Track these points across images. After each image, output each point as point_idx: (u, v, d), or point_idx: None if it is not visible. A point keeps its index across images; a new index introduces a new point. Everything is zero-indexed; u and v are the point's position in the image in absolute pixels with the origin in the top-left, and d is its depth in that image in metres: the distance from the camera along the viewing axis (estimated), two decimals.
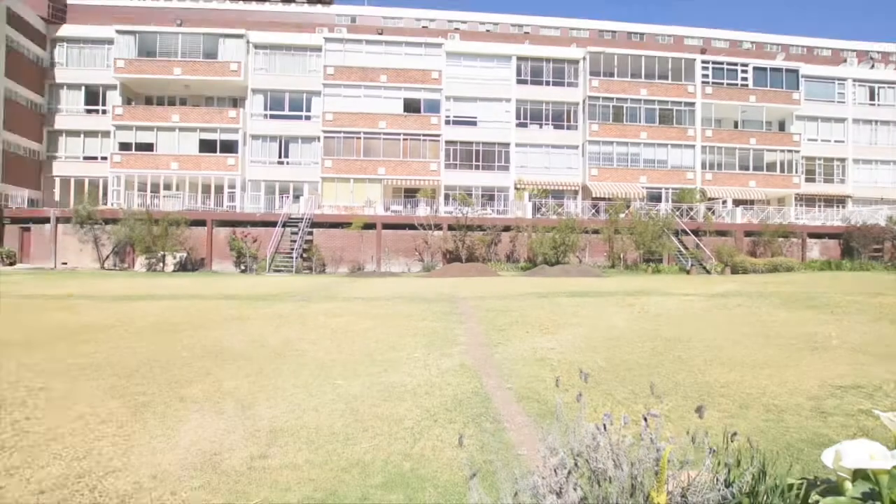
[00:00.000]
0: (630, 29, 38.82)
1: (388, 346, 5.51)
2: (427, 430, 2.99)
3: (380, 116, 27.43)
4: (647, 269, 22.13)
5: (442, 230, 23.63)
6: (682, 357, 4.80)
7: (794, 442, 2.78)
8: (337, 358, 4.92)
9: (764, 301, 9.07)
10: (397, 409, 3.36)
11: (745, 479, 1.19)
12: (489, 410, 3.34)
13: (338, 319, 7.51)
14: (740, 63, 30.36)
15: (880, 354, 4.77)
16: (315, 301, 10.10)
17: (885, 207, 28.37)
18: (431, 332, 6.41)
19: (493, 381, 4.06)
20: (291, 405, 3.46)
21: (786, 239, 24.50)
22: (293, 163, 28.30)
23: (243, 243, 22.06)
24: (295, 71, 28.13)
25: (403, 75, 27.72)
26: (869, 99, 32.32)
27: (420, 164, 27.53)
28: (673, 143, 29.20)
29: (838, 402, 3.44)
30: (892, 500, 1.17)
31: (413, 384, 3.97)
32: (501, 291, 11.82)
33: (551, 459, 1.08)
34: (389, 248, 23.42)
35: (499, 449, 2.70)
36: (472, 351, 5.25)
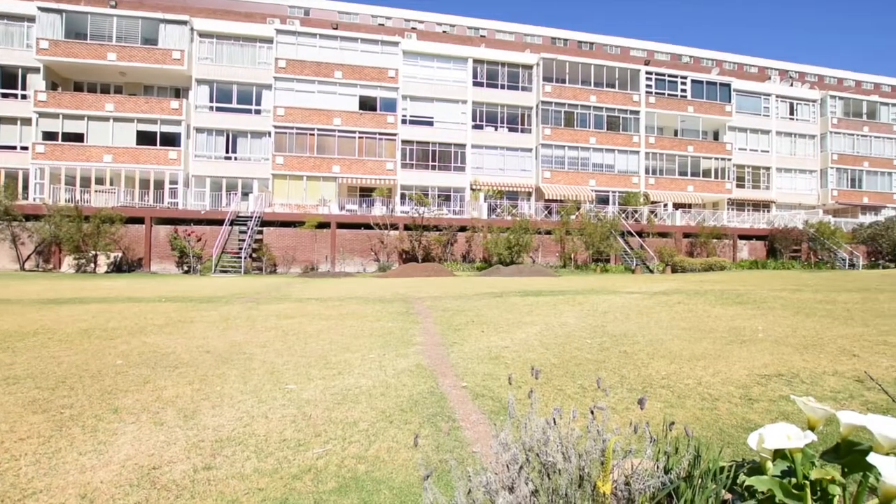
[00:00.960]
0: (580, 38, 40.42)
1: (343, 347, 5.41)
2: (382, 431, 2.96)
3: (334, 113, 26.84)
4: (596, 268, 23.13)
5: (398, 230, 23.50)
6: (628, 352, 5.06)
7: (726, 427, 3.00)
8: (288, 361, 4.76)
9: (700, 298, 9.73)
10: (352, 412, 3.30)
11: (682, 464, 1.27)
12: (445, 410, 3.35)
13: (289, 321, 7.26)
14: (680, 76, 32.43)
15: (798, 345, 5.26)
16: (265, 302, 9.72)
17: (802, 212, 31.37)
18: (387, 332, 6.35)
19: (448, 381, 4.08)
20: (239, 412, 3.31)
21: (719, 240, 26.46)
22: (242, 158, 27.06)
23: (186, 242, 20.83)
24: (244, 62, 26.91)
25: (359, 72, 27.29)
26: (789, 114, 35.57)
27: (376, 162, 27.22)
28: (619, 149, 30.70)
29: (763, 389, 3.76)
30: (805, 475, 1.29)
31: (368, 386, 3.92)
32: (457, 291, 11.92)
33: (504, 455, 1.10)
34: (344, 247, 22.97)
35: (454, 447, 2.72)
36: (427, 351, 5.25)
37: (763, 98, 34.90)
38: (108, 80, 26.73)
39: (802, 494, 1.26)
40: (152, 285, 14.11)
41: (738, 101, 33.61)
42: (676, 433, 1.40)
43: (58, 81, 25.90)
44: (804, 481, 1.28)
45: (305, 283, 15.41)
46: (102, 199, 23.54)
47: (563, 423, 1.24)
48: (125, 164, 24.69)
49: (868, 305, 8.31)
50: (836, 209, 34.90)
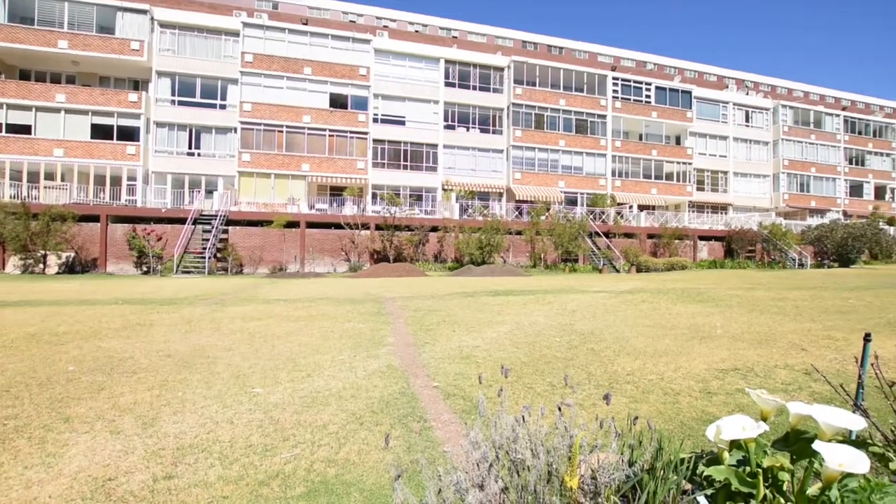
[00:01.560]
0: (550, 42, 41.19)
1: (312, 349, 5.31)
2: (353, 433, 2.93)
3: (304, 110, 26.30)
4: (565, 268, 23.63)
5: (369, 230, 23.27)
6: (595, 349, 5.19)
7: (687, 420, 3.13)
8: (255, 364, 4.63)
9: (663, 297, 10.10)
10: (321, 415, 3.25)
11: (646, 457, 1.32)
12: (416, 410, 3.35)
13: (256, 323, 7.06)
14: (644, 82, 33.57)
15: (753, 341, 5.54)
16: (230, 304, 9.41)
17: (756, 215, 33.10)
18: (358, 333, 6.28)
19: (420, 381, 4.08)
20: (202, 418, 3.19)
21: (681, 241, 27.55)
22: (206, 155, 26.11)
23: (146, 242, 19.92)
24: (208, 55, 25.96)
25: (330, 69, 26.85)
26: (745, 121, 37.45)
27: (347, 161, 26.85)
28: (587, 152, 31.49)
29: (721, 383, 3.94)
30: (758, 463, 1.37)
31: (338, 388, 3.86)
32: (429, 291, 11.91)
33: (474, 454, 1.11)
34: (314, 247, 22.54)
35: (425, 448, 2.72)
36: (399, 351, 5.23)
37: (721, 105, 36.60)
38: (60, 70, 25.22)
39: (755, 482, 1.33)
40: (108, 287, 13.41)
41: (698, 107, 35.12)
42: (640, 427, 1.44)
43: (1, 69, 24.23)
44: (757, 469, 1.36)
45: (273, 284, 15.02)
46: (53, 196, 22.18)
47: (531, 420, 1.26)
48: (78, 159, 23.35)
49: (815, 302, 8.86)
50: (786, 212, 37.00)
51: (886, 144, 41.33)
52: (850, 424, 1.27)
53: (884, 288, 11.68)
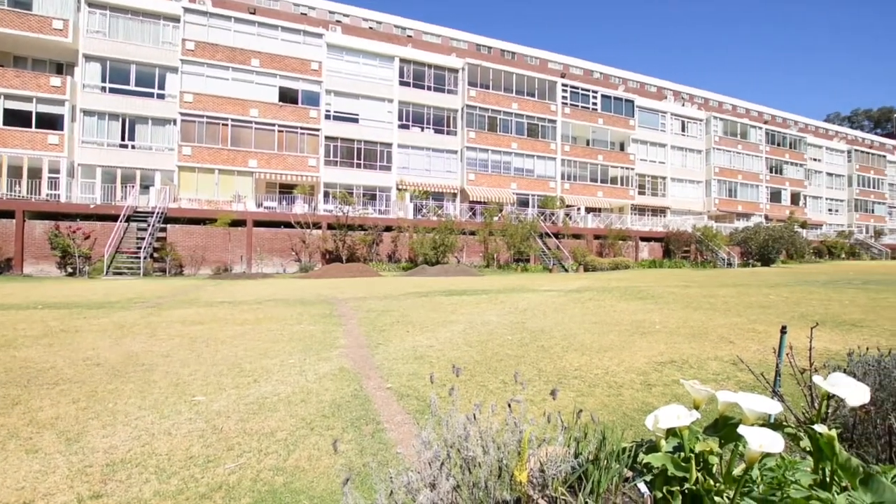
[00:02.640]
0: (503, 47, 42.04)
1: (259, 353, 5.09)
2: (303, 439, 2.84)
3: (251, 103, 25.15)
4: (517, 268, 24.20)
5: (321, 229, 22.67)
6: (545, 346, 5.36)
7: (629, 411, 3.30)
8: (196, 371, 4.37)
9: (608, 295, 10.60)
10: (269, 422, 3.12)
11: (590, 448, 1.38)
12: (369, 412, 3.30)
13: (198, 327, 6.67)
14: (591, 90, 35.08)
15: (688, 335, 5.95)
16: (169, 307, 8.82)
17: (691, 218, 35.58)
18: (308, 335, 6.09)
19: (373, 383, 4.02)
20: (136, 430, 2.97)
21: (624, 242, 29.05)
22: (142, 147, 24.31)
23: (71, 240, 18.25)
24: (144, 40, 24.18)
25: (279, 62, 25.85)
26: (681, 130, 40.12)
27: (297, 158, 25.98)
28: (538, 155, 32.43)
29: (659, 375, 4.19)
30: (691, 449, 1.47)
31: (287, 392, 3.73)
32: (383, 291, 11.78)
33: (425, 454, 1.11)
34: (262, 247, 21.62)
35: (378, 450, 2.69)
36: (351, 353, 5.13)
37: (660, 115, 39.01)
38: None
39: (688, 466, 1.43)
40: (25, 290, 12.15)
41: (640, 116, 37.21)
42: (585, 420, 1.51)
43: None
44: (690, 454, 1.46)
45: (217, 286, 14.25)
46: None
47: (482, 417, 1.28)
48: None
49: (741, 299, 9.65)
50: (717, 215, 40.03)
51: (800, 156, 45.82)
52: (768, 409, 1.40)
53: (798, 285, 12.93)
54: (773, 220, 40.17)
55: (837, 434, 1.87)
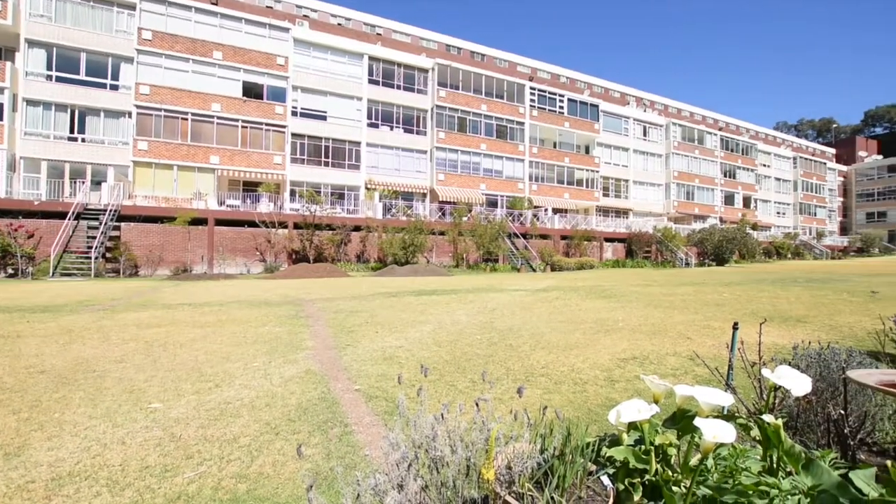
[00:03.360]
0: (473, 48, 42.33)
1: (221, 357, 4.91)
2: (267, 445, 2.76)
3: (213, 97, 24.22)
4: (486, 268, 24.43)
5: (287, 228, 22.13)
6: (513, 345, 5.43)
7: (594, 407, 3.40)
8: (153, 376, 4.17)
9: (574, 294, 10.87)
10: (231, 428, 3.02)
11: (556, 444, 1.41)
12: (337, 415, 3.25)
13: (155, 331, 6.37)
14: (558, 93, 35.87)
15: (648, 332, 6.18)
16: (123, 310, 8.38)
17: (652, 219, 36.98)
18: (274, 338, 5.93)
19: (340, 385, 3.96)
20: (86, 441, 2.80)
21: (589, 242, 29.87)
22: (93, 141, 22.96)
23: (12, 239, 17.01)
24: (96, 27, 22.84)
25: (244, 56, 25.03)
26: (643, 135, 41.65)
27: (262, 155, 25.23)
28: (507, 156, 32.86)
29: (622, 371, 4.34)
30: (651, 441, 1.53)
31: (251, 397, 3.62)
32: (351, 292, 11.62)
33: (393, 455, 1.11)
34: (225, 247, 20.88)
35: (346, 453, 2.65)
36: (319, 355, 5.03)
37: (624, 120, 40.36)
38: None
39: (649, 458, 1.49)
40: None
41: (604, 120, 38.37)
42: (550, 416, 1.54)
43: None
44: (650, 447, 1.53)
45: (176, 287, 13.65)
46: None
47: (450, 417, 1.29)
48: None
49: (698, 297, 10.12)
50: (676, 217, 41.80)
51: (751, 161, 48.51)
52: (721, 401, 1.48)
53: (749, 283, 13.68)
54: (726, 221, 42.32)
55: (783, 423, 1.99)
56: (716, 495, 1.30)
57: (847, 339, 5.47)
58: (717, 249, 31.91)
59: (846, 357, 2.88)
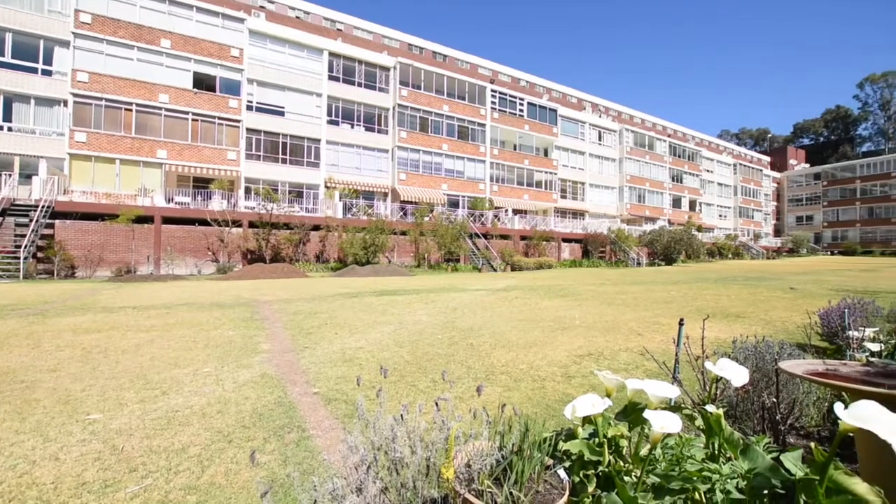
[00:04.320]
0: (435, 49, 42.37)
1: (169, 362, 4.65)
2: (219, 453, 2.64)
3: (160, 88, 22.88)
4: (448, 267, 24.54)
5: (242, 227, 21.28)
6: (474, 344, 5.49)
7: (552, 403, 3.49)
8: (91, 386, 3.89)
9: (533, 293, 11.12)
10: (180, 437, 2.87)
11: (514, 440, 1.44)
12: (294, 420, 3.16)
13: (94, 336, 5.94)
14: (518, 97, 36.59)
15: (603, 329, 6.42)
16: (57, 314, 7.75)
17: (606, 221, 38.45)
18: (227, 341, 5.68)
19: (298, 388, 3.85)
20: (12, 459, 2.58)
21: (548, 242, 30.67)
22: (21, 130, 21.09)
23: None
24: (24, 6, 21.00)
25: (194, 45, 23.80)
26: (598, 140, 43.24)
27: (215, 150, 24.10)
28: (468, 157, 33.15)
29: (578, 367, 4.48)
30: (604, 434, 1.59)
31: (202, 404, 3.45)
32: (310, 293, 11.33)
33: (352, 458, 1.09)
34: (173, 246, 19.80)
35: (304, 458, 2.58)
36: (275, 358, 4.87)
37: (580, 125, 41.75)
38: None
39: (602, 450, 1.56)
40: None
41: (562, 125, 39.52)
42: (509, 413, 1.57)
43: None
44: (604, 439, 1.59)
45: (118, 289, 12.79)
46: None
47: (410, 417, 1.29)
48: None
49: (648, 295, 10.63)
50: (629, 219, 43.71)
51: (696, 167, 51.54)
52: (669, 394, 1.56)
53: (695, 282, 14.53)
54: (674, 223, 44.70)
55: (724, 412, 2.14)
56: (663, 483, 1.37)
57: (780, 333, 5.92)
58: (666, 250, 33.66)
59: (778, 349, 3.12)
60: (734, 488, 1.34)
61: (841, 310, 4.95)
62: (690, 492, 1.37)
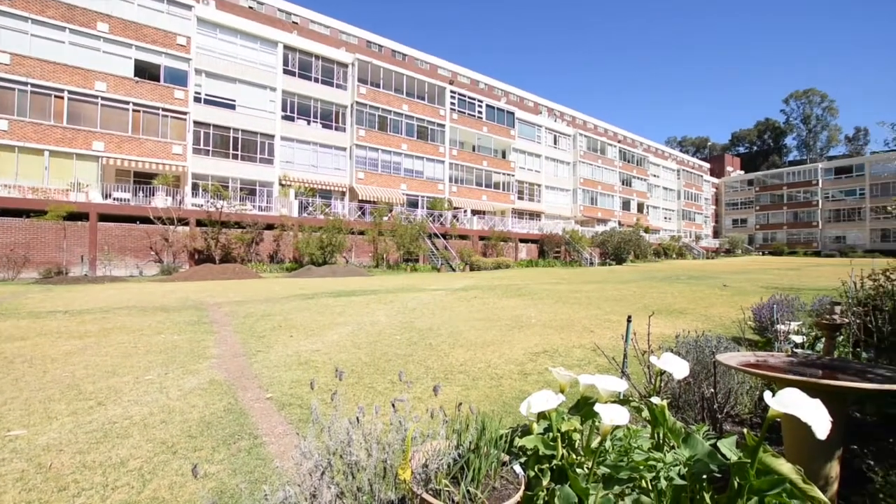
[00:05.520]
0: (394, 47, 42.03)
1: (106, 371, 4.33)
2: (163, 466, 2.49)
3: (97, 75, 21.24)
4: (407, 268, 24.42)
5: (189, 226, 20.18)
6: (433, 344, 5.50)
7: (509, 400, 3.56)
8: (14, 398, 3.56)
9: (491, 293, 11.29)
10: (118, 451, 2.68)
11: (471, 438, 1.46)
12: (245, 427, 3.03)
13: (17, 344, 5.42)
14: (477, 99, 37.02)
15: (558, 327, 6.62)
16: None
17: (561, 222, 39.70)
18: (171, 347, 5.37)
19: (250, 394, 3.70)
20: None
21: (505, 243, 31.24)
22: None
23: None
24: None
25: (136, 31, 22.28)
26: (554, 143, 44.55)
27: (158, 144, 22.68)
28: (428, 157, 33.16)
29: (534, 364, 4.60)
30: (558, 429, 1.64)
31: (143, 414, 3.24)
32: (263, 294, 10.92)
33: (306, 464, 1.06)
34: (111, 245, 18.47)
35: (255, 467, 2.48)
36: (225, 364, 4.66)
37: (537, 128, 42.84)
38: None
39: (556, 445, 1.61)
40: None
41: (519, 127, 40.39)
42: (465, 412, 1.59)
43: None
44: (557, 434, 1.64)
45: (47, 292, 11.75)
46: None
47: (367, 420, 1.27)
48: None
49: (600, 293, 11.07)
50: (582, 220, 45.36)
51: (644, 172, 54.30)
52: (618, 387, 1.63)
53: (643, 280, 15.29)
54: (624, 225, 46.84)
55: (668, 403, 2.26)
56: (613, 473, 1.44)
57: (718, 328, 6.35)
58: (617, 250, 35.23)
59: (716, 343, 3.35)
60: (676, 475, 1.42)
61: (770, 306, 5.38)
62: (637, 480, 1.44)
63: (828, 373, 2.13)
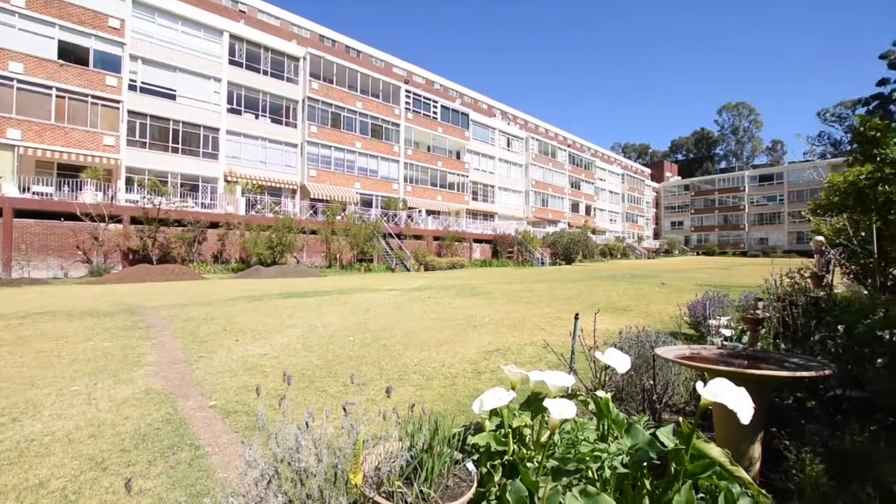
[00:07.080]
0: (349, 43, 41.20)
1: (23, 383, 3.93)
2: (91, 484, 2.30)
3: (12, 55, 19.23)
4: (361, 268, 24.03)
5: (122, 223, 18.75)
6: (387, 345, 5.45)
7: (462, 399, 3.59)
8: None
9: (445, 292, 11.35)
10: (37, 471, 2.44)
11: (425, 438, 1.46)
12: (186, 437, 2.85)
13: None
14: (433, 99, 37.08)
15: (510, 325, 6.77)
16: None
17: (514, 223, 40.61)
18: (101, 354, 4.96)
19: (191, 402, 3.49)
20: None
21: (460, 243, 31.52)
22: None
23: None
24: None
25: (60, 9, 20.37)
26: (507, 146, 45.50)
27: (87, 134, 20.87)
28: (382, 156, 32.80)
29: (488, 363, 4.67)
30: (510, 425, 1.68)
31: (67, 429, 2.97)
32: (207, 297, 10.34)
33: (251, 473, 1.01)
34: (30, 244, 16.79)
35: (197, 479, 2.34)
36: (163, 371, 4.37)
37: (491, 130, 43.58)
38: None
39: (507, 441, 1.64)
40: None
41: (474, 129, 40.90)
42: (418, 412, 1.59)
43: None
44: (509, 430, 1.68)
45: None
46: None
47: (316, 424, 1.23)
48: None
49: (551, 292, 11.44)
50: (534, 221, 46.65)
51: (591, 175, 56.76)
52: (566, 383, 1.70)
53: (590, 279, 15.96)
54: (573, 226, 48.68)
55: (612, 396, 2.38)
56: (561, 465, 1.49)
57: (657, 323, 6.76)
58: (566, 250, 36.55)
59: (655, 338, 3.56)
60: (620, 464, 1.50)
61: (703, 302, 5.79)
62: (584, 471, 1.51)
63: (752, 363, 2.32)
